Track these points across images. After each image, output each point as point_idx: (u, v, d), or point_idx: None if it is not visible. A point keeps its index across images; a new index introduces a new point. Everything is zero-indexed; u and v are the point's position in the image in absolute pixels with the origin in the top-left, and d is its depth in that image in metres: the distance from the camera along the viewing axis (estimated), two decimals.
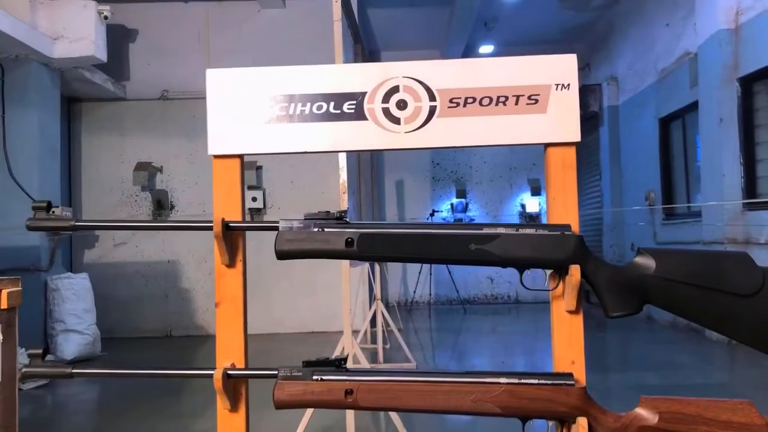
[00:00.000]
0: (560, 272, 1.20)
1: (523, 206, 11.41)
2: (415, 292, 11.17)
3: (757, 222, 6.22)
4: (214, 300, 5.98)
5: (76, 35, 6.72)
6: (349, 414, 3.60)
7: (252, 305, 1.32)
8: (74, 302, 6.66)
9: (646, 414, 1.18)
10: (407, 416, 3.87)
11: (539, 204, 11.13)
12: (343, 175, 3.33)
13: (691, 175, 7.85)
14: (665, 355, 6.30)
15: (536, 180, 10.90)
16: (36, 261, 6.60)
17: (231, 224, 1.20)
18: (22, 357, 1.84)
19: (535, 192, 10.91)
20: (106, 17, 6.87)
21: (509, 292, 11.27)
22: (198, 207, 8.39)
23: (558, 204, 1.22)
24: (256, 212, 8.27)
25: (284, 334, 8.10)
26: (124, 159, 8.41)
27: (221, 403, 1.20)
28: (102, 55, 6.92)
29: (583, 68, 11.22)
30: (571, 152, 1.22)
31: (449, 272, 10.94)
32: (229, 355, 1.21)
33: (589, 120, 10.47)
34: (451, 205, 11.64)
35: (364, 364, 3.96)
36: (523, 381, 1.17)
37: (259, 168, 8.32)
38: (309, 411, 3.62)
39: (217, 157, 1.23)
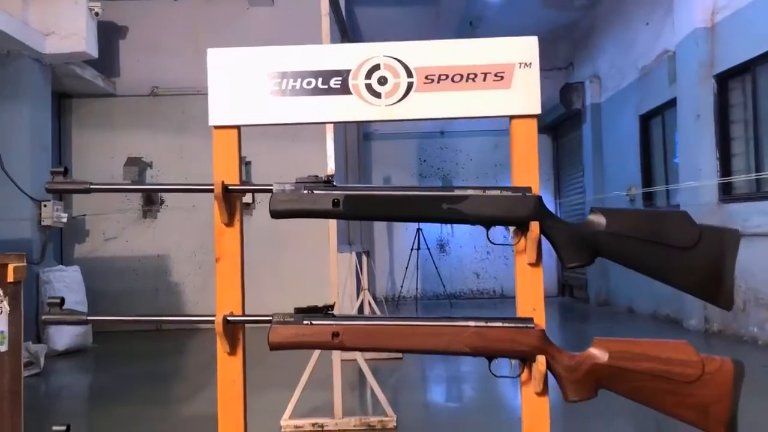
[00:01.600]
0: (522, 229, 1.35)
1: None
2: (402, 286, 11.32)
3: (731, 214, 6.42)
4: (203, 294, 6.21)
5: (68, 31, 6.81)
6: (337, 395, 3.75)
7: None
8: (66, 294, 6.74)
9: (598, 353, 1.34)
10: (393, 399, 4.03)
11: None
12: (331, 164, 3.47)
13: (670, 171, 8.05)
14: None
15: None
16: (28, 254, 6.68)
17: (230, 187, 1.34)
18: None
19: None
20: (97, 14, 6.97)
21: (494, 287, 11.46)
22: (188, 202, 8.50)
23: (521, 170, 1.38)
24: (245, 207, 8.39)
25: None
26: (114, 154, 8.50)
27: (221, 347, 1.34)
28: (93, 51, 7.02)
29: (567, 67, 11.43)
30: (533, 124, 1.37)
31: (436, 268, 11.11)
32: (228, 305, 1.35)
33: (573, 117, 10.68)
34: None
35: None
36: (489, 324, 1.33)
37: (248, 163, 8.44)
38: (297, 391, 3.77)
39: (217, 127, 1.37)
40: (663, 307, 7.73)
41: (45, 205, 6.83)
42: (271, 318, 1.33)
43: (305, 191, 1.34)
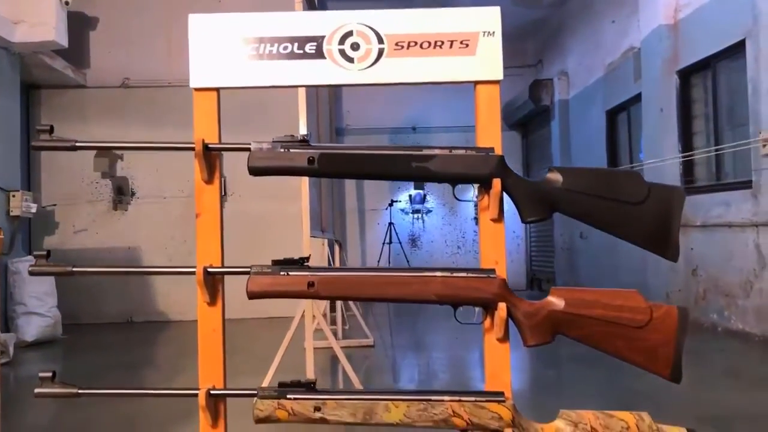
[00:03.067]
0: (486, 186, 1.45)
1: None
2: None
3: (694, 206, 6.63)
4: (174, 286, 6.24)
5: (37, 20, 6.76)
6: (309, 361, 3.82)
7: None
8: (35, 285, 6.70)
9: (555, 300, 1.44)
10: (365, 381, 4.11)
11: None
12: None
13: (635, 165, 8.27)
14: None
15: None
16: None
17: (210, 145, 1.42)
18: None
19: None
20: (67, 2, 6.93)
21: None
22: (158, 194, 8.48)
23: (485, 132, 1.47)
24: None
25: (249, 320, 8.22)
26: None
27: (201, 298, 1.42)
28: (63, 41, 6.97)
29: (536, 64, 11.63)
30: (496, 89, 1.47)
31: (407, 261, 11.22)
32: (207, 258, 1.42)
33: (541, 114, 10.87)
34: (410, 196, 11.91)
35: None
36: (454, 275, 1.42)
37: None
38: (271, 371, 3.83)
39: (197, 89, 1.45)
40: None
41: (13, 195, 6.77)
42: (249, 269, 1.40)
43: (282, 149, 1.42)
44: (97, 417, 3.77)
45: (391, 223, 10.94)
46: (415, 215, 11.80)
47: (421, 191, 11.84)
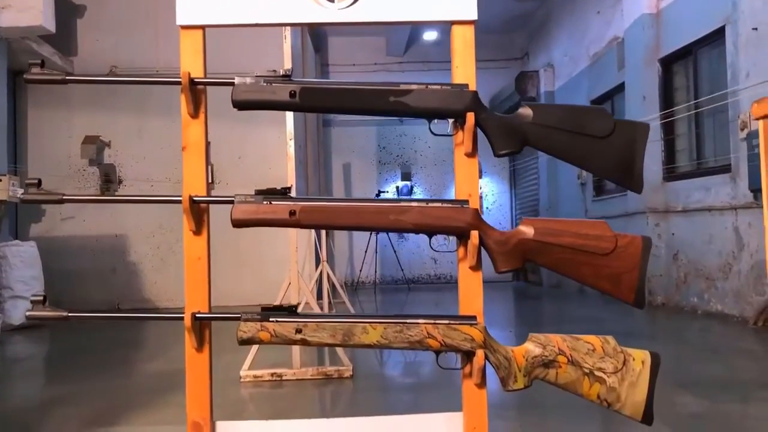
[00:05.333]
0: (460, 122, 1.51)
1: None
2: (360, 271, 11.46)
3: (675, 192, 6.75)
4: (161, 274, 6.30)
5: (24, 4, 6.77)
6: (296, 351, 3.88)
7: None
8: (22, 269, 6.72)
9: (525, 229, 1.51)
10: (351, 357, 4.16)
11: (480, 187, 11.59)
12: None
13: None
14: (591, 315, 6.78)
15: (479, 164, 11.34)
16: None
17: (195, 80, 1.47)
18: None
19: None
20: None
21: (452, 272, 11.70)
22: (146, 181, 8.50)
23: (460, 71, 1.54)
24: None
25: (231, 307, 8.26)
26: (72, 134, 8.45)
27: (187, 226, 1.47)
28: (50, 26, 6.98)
29: (522, 57, 11.74)
30: (470, 29, 1.54)
31: (395, 252, 11.29)
32: (193, 187, 1.48)
33: None
34: (397, 187, 11.98)
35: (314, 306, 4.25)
36: (430, 205, 1.49)
37: (207, 143, 8.47)
38: (254, 348, 3.88)
39: (184, 27, 1.50)
40: None
41: (0, 180, 6.77)
42: (233, 198, 1.46)
43: (264, 83, 1.48)
44: (81, 391, 3.80)
45: None
46: None
47: (408, 182, 11.92)
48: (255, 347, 3.84)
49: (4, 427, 3.01)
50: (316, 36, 10.81)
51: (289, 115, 4.10)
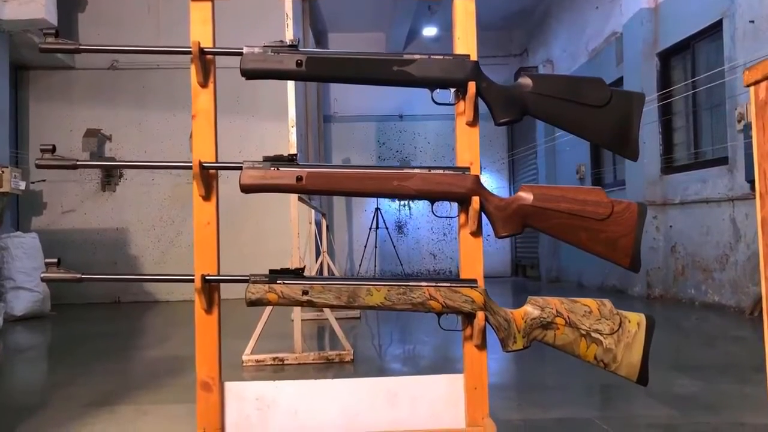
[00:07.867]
0: (462, 91, 1.56)
1: None
2: (360, 266, 11.51)
3: (673, 184, 6.80)
4: (162, 267, 6.33)
5: None
6: (297, 335, 3.93)
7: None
8: (24, 260, 6.75)
9: (524, 195, 1.56)
10: (352, 343, 4.21)
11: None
12: (292, 138, 3.65)
13: None
14: None
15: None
16: None
17: (205, 49, 1.52)
18: None
19: None
20: None
21: (450, 267, 11.76)
22: (147, 176, 8.54)
23: (461, 42, 1.59)
24: None
25: (232, 301, 8.30)
26: (73, 127, 8.49)
27: (197, 191, 1.52)
28: (53, 19, 7.02)
29: (521, 53, 11.79)
30: (471, 3, 1.59)
31: (394, 247, 11.34)
32: (203, 154, 1.52)
33: None
34: None
35: None
36: (432, 172, 1.53)
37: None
38: (258, 328, 3.93)
39: (194, 0, 1.55)
40: (609, 279, 8.08)
41: (2, 171, 6.81)
42: (242, 165, 1.51)
43: (272, 53, 1.53)
44: (84, 375, 3.85)
45: (377, 209, 11.06)
46: (402, 202, 11.91)
47: None
48: (257, 333, 3.90)
49: (9, 407, 3.05)
50: (317, 32, 10.85)
51: (291, 103, 4.13)
